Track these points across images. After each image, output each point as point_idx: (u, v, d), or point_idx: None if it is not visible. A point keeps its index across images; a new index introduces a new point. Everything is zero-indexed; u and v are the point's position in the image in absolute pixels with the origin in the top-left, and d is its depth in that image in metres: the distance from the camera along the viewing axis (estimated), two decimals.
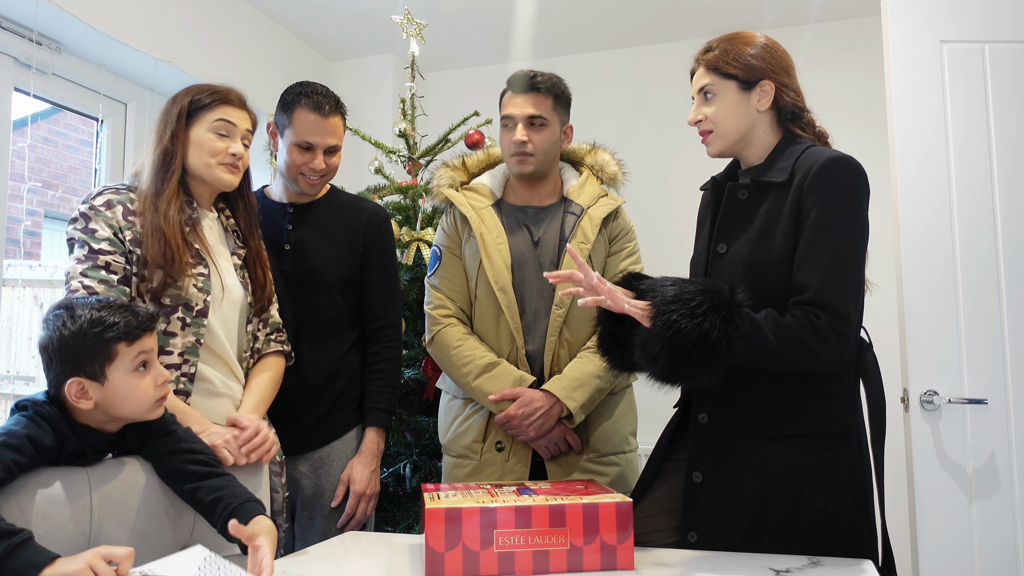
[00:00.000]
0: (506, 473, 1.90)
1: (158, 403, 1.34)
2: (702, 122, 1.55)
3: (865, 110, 3.35)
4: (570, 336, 1.93)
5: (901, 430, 2.16)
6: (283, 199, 2.01)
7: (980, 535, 2.04)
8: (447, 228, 2.05)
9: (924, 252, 2.13)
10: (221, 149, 1.63)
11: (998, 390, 2.08)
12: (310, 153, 1.91)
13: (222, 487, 1.33)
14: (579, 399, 1.85)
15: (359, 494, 1.89)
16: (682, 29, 3.61)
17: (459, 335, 1.96)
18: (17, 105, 2.54)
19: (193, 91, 1.66)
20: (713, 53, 1.55)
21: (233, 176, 1.66)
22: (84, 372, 1.27)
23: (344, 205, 2.04)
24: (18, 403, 1.30)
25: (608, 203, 1.99)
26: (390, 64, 3.89)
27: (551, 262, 1.95)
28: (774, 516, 1.42)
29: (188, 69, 2.98)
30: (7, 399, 2.76)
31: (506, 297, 1.92)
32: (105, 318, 1.28)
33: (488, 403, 1.89)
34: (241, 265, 1.72)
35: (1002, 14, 2.18)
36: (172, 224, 1.55)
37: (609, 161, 2.08)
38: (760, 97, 1.53)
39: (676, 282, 1.37)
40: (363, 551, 1.49)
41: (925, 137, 2.16)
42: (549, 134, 1.94)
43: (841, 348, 1.38)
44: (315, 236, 1.97)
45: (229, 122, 1.64)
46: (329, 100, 1.92)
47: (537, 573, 1.27)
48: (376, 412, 1.95)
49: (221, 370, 1.63)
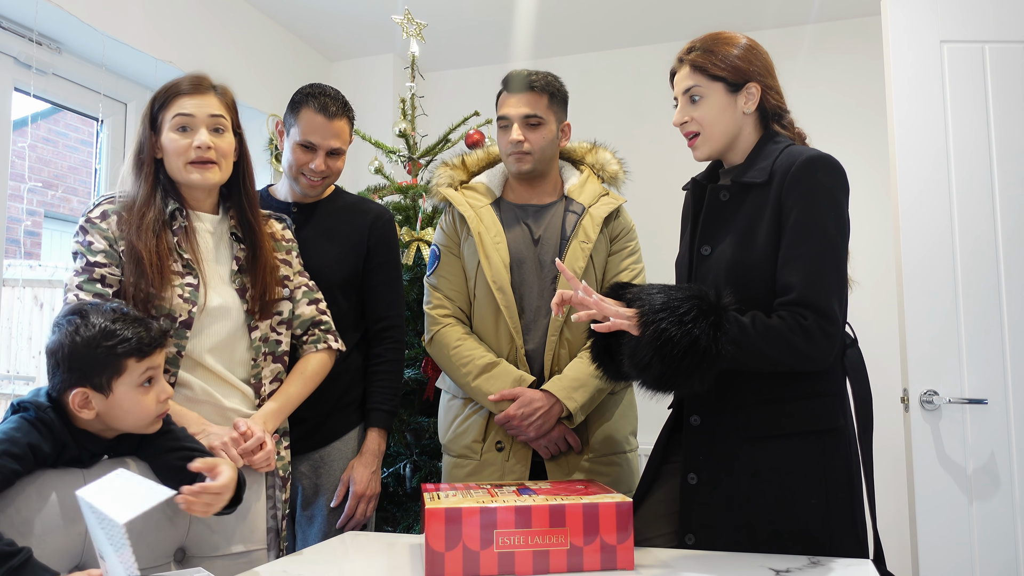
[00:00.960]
0: (506, 473, 1.89)
1: (158, 419, 1.33)
2: (688, 124, 1.54)
3: (865, 110, 3.35)
4: (570, 336, 1.93)
5: (901, 430, 2.17)
6: (288, 199, 2.01)
7: (980, 535, 2.04)
8: (445, 227, 2.05)
9: (924, 252, 2.13)
10: (185, 146, 1.53)
11: (998, 390, 2.08)
12: (312, 153, 1.90)
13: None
14: (579, 399, 1.85)
15: (359, 495, 1.88)
16: (682, 29, 3.60)
17: (458, 335, 1.95)
18: (17, 105, 2.54)
19: (155, 94, 1.59)
20: (698, 53, 1.53)
21: (206, 171, 1.54)
22: (91, 383, 1.26)
23: (348, 206, 2.04)
24: (20, 403, 1.29)
25: (609, 202, 1.99)
26: (390, 64, 3.89)
27: (552, 260, 1.94)
28: (770, 515, 1.42)
29: (188, 69, 2.94)
30: (7, 399, 2.76)
31: (504, 297, 1.91)
32: (118, 331, 1.26)
33: (488, 403, 1.89)
34: (237, 270, 1.62)
35: (1002, 14, 2.18)
36: (146, 238, 1.50)
37: (610, 160, 2.08)
38: (747, 100, 1.52)
39: (663, 289, 1.37)
40: (363, 551, 1.49)
41: (925, 137, 2.16)
42: (546, 132, 1.94)
43: (829, 347, 1.39)
44: (319, 236, 1.96)
45: (185, 114, 1.53)
46: (336, 103, 1.91)
47: (537, 573, 1.27)
48: (378, 413, 1.94)
49: (205, 378, 1.57)
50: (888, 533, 2.97)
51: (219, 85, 1.63)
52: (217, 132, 1.57)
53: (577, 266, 1.91)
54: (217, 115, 1.57)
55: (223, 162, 1.58)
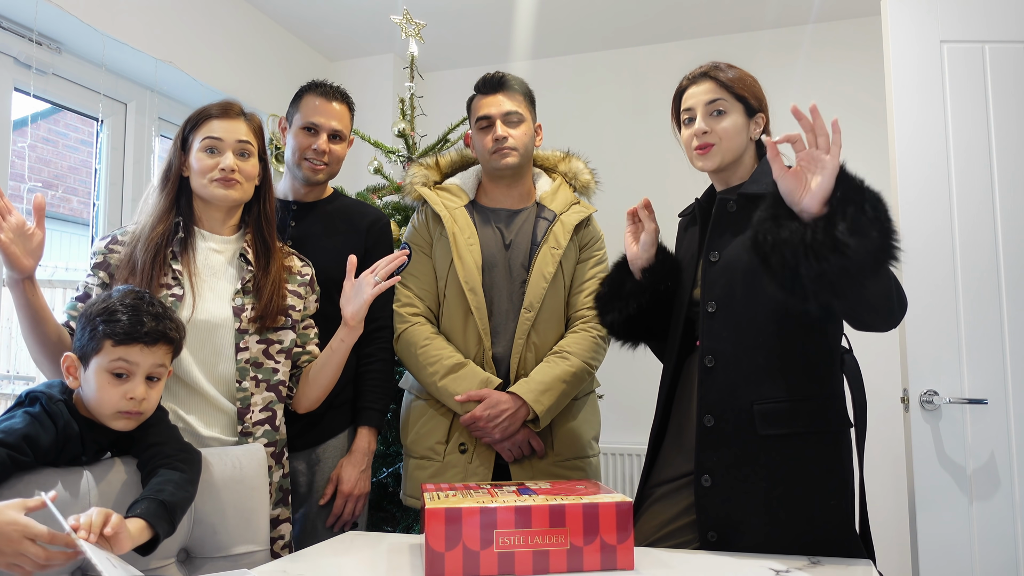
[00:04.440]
0: (469, 475, 1.88)
1: (122, 415, 1.31)
2: (708, 135, 1.58)
3: (865, 110, 3.35)
4: (537, 340, 1.93)
5: (901, 430, 2.16)
6: (288, 196, 2.03)
7: (980, 535, 2.04)
8: (417, 226, 2.05)
9: (924, 252, 2.13)
10: (210, 166, 1.61)
11: (998, 390, 2.08)
12: (314, 136, 1.95)
13: (152, 482, 1.30)
14: (546, 403, 1.85)
15: (346, 494, 1.88)
16: (682, 28, 3.61)
17: (426, 334, 1.94)
18: (17, 105, 2.54)
19: (188, 117, 1.67)
20: (726, 74, 1.60)
21: (229, 190, 1.62)
22: (80, 352, 1.33)
23: (347, 207, 2.06)
24: (30, 394, 1.31)
25: (580, 211, 2.01)
26: (389, 64, 3.90)
27: (522, 265, 1.95)
28: (787, 514, 1.43)
29: (188, 69, 2.98)
30: (7, 399, 2.76)
31: (476, 298, 1.91)
32: (116, 312, 1.32)
33: (454, 404, 1.88)
34: (240, 290, 1.64)
35: (1002, 14, 2.18)
36: (148, 247, 1.57)
37: (582, 169, 2.10)
38: (755, 128, 1.62)
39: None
40: (363, 551, 1.49)
41: (925, 137, 2.16)
42: (526, 128, 1.98)
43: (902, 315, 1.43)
44: (316, 234, 1.97)
45: (214, 137, 1.61)
46: (336, 89, 1.99)
47: (537, 573, 1.27)
48: (369, 412, 1.94)
49: (175, 395, 1.57)
50: (888, 533, 2.98)
51: (249, 113, 1.70)
52: (243, 156, 1.65)
53: (547, 271, 1.92)
54: (244, 141, 1.65)
55: (245, 184, 1.65)
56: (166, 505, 1.24)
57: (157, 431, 1.40)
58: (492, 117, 1.95)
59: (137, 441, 1.38)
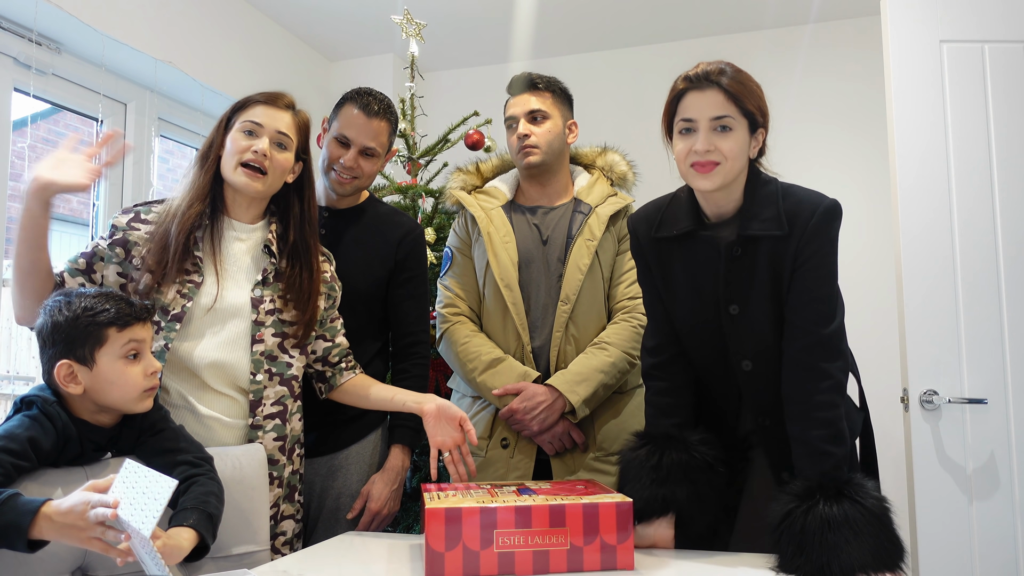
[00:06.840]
0: (511, 470, 1.90)
1: (146, 393, 1.33)
2: (711, 153, 1.42)
3: (865, 110, 3.34)
4: (576, 332, 1.94)
5: (901, 430, 2.16)
6: (321, 202, 1.96)
7: (980, 535, 2.04)
8: (458, 230, 2.11)
9: (924, 252, 2.13)
10: (244, 147, 1.57)
11: (998, 390, 2.08)
12: (345, 149, 1.88)
13: (188, 492, 1.31)
14: (582, 393, 1.85)
15: (374, 512, 1.83)
16: (682, 28, 3.60)
17: (466, 332, 1.99)
18: (17, 105, 2.54)
19: (236, 101, 1.64)
20: (732, 81, 1.42)
21: (253, 178, 1.57)
22: (74, 355, 1.28)
23: (381, 216, 2.00)
24: (24, 399, 1.30)
25: (616, 202, 2.02)
26: (390, 64, 3.89)
27: (558, 259, 1.97)
28: None
29: (188, 69, 2.97)
30: (7, 399, 2.76)
31: (512, 294, 1.94)
32: (98, 305, 1.30)
33: (492, 398, 1.91)
34: (260, 281, 1.61)
35: (1002, 14, 2.18)
36: (182, 226, 1.54)
37: (619, 161, 2.12)
38: (754, 145, 1.47)
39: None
40: (363, 551, 1.49)
41: (925, 137, 2.16)
42: (551, 126, 1.99)
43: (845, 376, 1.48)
44: (347, 243, 1.93)
45: (254, 121, 1.58)
46: (379, 103, 1.90)
47: (537, 573, 1.27)
48: (403, 430, 1.89)
49: (185, 381, 1.55)
50: None
51: (299, 109, 1.67)
52: (279, 147, 1.61)
53: (582, 263, 1.93)
54: (284, 133, 1.61)
55: (273, 175, 1.60)
56: (213, 519, 1.28)
57: (170, 435, 1.39)
58: (516, 116, 2.00)
59: (148, 446, 1.37)
